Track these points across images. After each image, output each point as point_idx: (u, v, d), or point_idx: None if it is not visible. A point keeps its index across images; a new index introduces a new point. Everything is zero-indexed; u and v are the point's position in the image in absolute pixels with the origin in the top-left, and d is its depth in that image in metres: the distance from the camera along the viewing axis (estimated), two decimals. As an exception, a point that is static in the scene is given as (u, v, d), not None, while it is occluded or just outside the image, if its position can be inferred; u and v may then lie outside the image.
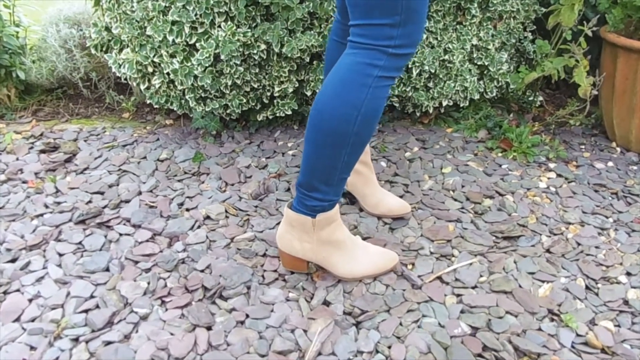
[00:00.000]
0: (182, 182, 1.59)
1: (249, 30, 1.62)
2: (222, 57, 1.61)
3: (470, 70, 1.90)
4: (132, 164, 1.67)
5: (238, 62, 1.65)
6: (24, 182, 1.58)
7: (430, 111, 1.94)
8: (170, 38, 1.61)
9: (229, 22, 1.60)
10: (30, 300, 1.15)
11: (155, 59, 1.66)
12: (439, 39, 1.82)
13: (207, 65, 1.62)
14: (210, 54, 1.61)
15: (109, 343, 1.06)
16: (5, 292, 1.17)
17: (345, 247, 1.19)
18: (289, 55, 1.64)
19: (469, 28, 1.86)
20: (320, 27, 1.67)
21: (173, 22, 1.61)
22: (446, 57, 1.84)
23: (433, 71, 1.83)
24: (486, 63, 1.92)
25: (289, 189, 1.58)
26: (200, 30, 1.62)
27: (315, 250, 1.18)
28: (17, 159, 1.69)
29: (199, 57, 1.61)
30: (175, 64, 1.63)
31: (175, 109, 1.78)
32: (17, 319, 1.10)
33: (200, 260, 1.28)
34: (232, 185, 1.59)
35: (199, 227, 1.40)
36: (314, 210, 1.14)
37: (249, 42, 1.63)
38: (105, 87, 2.15)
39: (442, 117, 2.02)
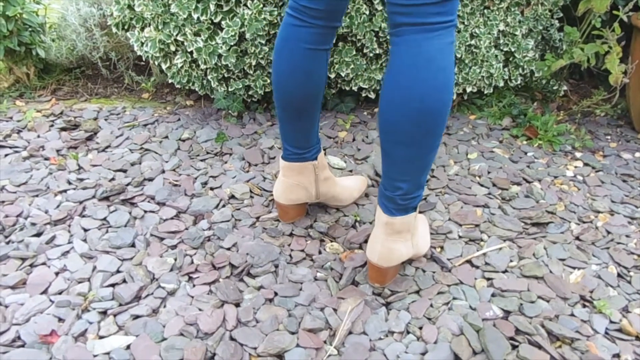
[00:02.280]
0: (205, 162, 1.58)
1: (276, 9, 1.59)
2: (247, 36, 1.59)
3: (496, 56, 1.87)
4: (154, 143, 1.66)
5: (263, 42, 1.62)
6: (46, 158, 1.57)
7: (454, 97, 1.91)
8: (195, 16, 1.59)
9: (255, 1, 1.58)
10: (56, 274, 1.14)
11: (179, 38, 1.64)
12: (465, 23, 1.79)
13: (231, 44, 1.60)
14: (235, 32, 1.59)
15: (137, 317, 1.04)
16: (32, 265, 1.16)
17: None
18: (315, 35, 1.62)
19: (497, 13, 1.82)
20: (349, 7, 1.64)
21: (198, 0, 1.58)
22: (472, 42, 1.81)
23: (459, 56, 1.80)
24: (512, 49, 1.89)
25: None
26: (225, 9, 1.59)
27: (415, 243, 1.14)
28: (39, 136, 1.68)
29: (224, 36, 1.59)
30: (200, 43, 1.61)
31: (197, 89, 1.76)
32: (45, 292, 1.09)
33: (227, 238, 1.26)
34: (256, 165, 1.57)
35: (223, 206, 1.38)
36: (416, 207, 1.08)
37: (275, 21, 1.60)
38: (124, 68, 2.13)
39: (464, 104, 1.99)
